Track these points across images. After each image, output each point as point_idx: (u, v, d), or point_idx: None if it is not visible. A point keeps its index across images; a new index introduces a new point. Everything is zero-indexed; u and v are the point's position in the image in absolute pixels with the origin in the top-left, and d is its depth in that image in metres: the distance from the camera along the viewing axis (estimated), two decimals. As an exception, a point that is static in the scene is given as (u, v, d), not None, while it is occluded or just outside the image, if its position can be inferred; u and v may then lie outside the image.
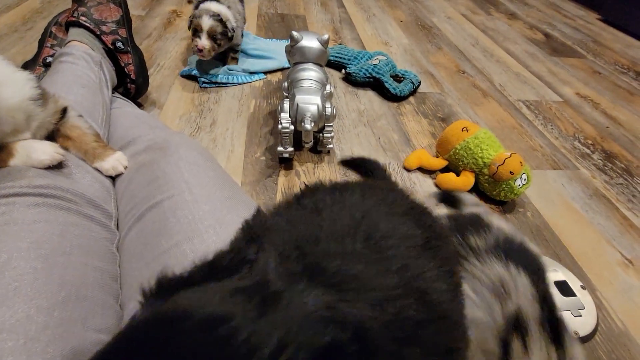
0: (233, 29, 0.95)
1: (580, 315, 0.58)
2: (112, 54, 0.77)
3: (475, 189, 0.78)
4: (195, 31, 0.92)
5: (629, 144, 1.02)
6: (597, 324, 0.57)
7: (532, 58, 1.42)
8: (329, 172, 0.79)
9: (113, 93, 0.74)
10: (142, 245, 0.40)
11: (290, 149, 0.76)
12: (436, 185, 0.79)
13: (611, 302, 0.61)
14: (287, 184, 0.75)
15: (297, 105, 0.73)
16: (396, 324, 0.21)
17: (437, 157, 0.84)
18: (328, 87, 0.80)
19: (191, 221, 0.40)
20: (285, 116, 0.74)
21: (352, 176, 0.79)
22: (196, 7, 0.98)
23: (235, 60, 1.08)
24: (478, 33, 1.57)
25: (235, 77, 1.04)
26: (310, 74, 0.79)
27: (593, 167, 0.91)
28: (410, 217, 0.30)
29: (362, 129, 0.93)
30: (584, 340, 0.55)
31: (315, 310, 0.18)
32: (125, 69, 0.79)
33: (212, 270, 0.21)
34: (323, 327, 0.17)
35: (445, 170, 0.82)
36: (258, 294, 0.18)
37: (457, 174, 0.79)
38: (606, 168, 0.92)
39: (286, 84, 0.82)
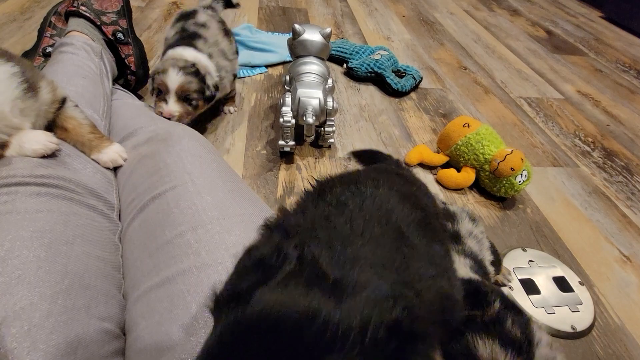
0: (216, 86, 0.68)
1: (578, 311, 0.58)
2: (112, 45, 0.76)
3: (476, 185, 0.78)
4: (160, 92, 0.65)
5: (629, 142, 1.02)
6: (594, 319, 0.58)
7: (533, 55, 1.41)
8: (329, 167, 0.79)
9: (113, 85, 0.74)
10: (145, 236, 0.40)
11: (292, 143, 0.75)
12: (437, 181, 0.79)
13: (608, 298, 0.61)
14: (287, 178, 0.75)
15: (299, 98, 0.73)
16: (429, 298, 0.25)
17: (438, 152, 0.84)
18: (330, 81, 0.80)
19: (195, 212, 0.40)
20: (286, 110, 0.73)
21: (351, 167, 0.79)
22: (163, 54, 0.69)
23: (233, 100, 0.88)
24: (480, 29, 1.56)
25: (236, 70, 1.03)
26: (312, 67, 0.79)
27: (593, 164, 0.92)
28: (413, 198, 0.34)
29: (363, 123, 0.93)
30: (581, 334, 0.56)
31: (374, 292, 0.21)
32: (126, 61, 0.78)
33: (261, 269, 0.22)
34: (388, 305, 0.20)
35: (446, 166, 0.82)
36: (324, 285, 0.20)
37: (458, 170, 0.79)
38: (606, 166, 0.92)
39: (288, 78, 0.81)
